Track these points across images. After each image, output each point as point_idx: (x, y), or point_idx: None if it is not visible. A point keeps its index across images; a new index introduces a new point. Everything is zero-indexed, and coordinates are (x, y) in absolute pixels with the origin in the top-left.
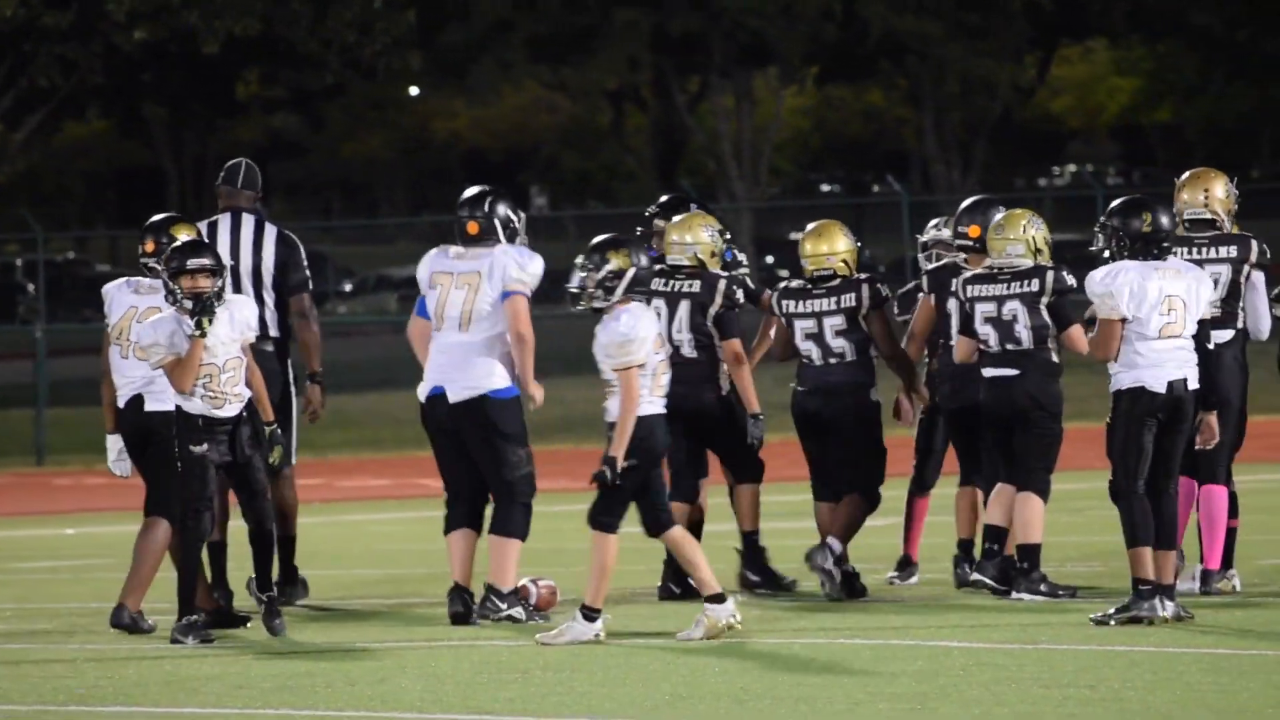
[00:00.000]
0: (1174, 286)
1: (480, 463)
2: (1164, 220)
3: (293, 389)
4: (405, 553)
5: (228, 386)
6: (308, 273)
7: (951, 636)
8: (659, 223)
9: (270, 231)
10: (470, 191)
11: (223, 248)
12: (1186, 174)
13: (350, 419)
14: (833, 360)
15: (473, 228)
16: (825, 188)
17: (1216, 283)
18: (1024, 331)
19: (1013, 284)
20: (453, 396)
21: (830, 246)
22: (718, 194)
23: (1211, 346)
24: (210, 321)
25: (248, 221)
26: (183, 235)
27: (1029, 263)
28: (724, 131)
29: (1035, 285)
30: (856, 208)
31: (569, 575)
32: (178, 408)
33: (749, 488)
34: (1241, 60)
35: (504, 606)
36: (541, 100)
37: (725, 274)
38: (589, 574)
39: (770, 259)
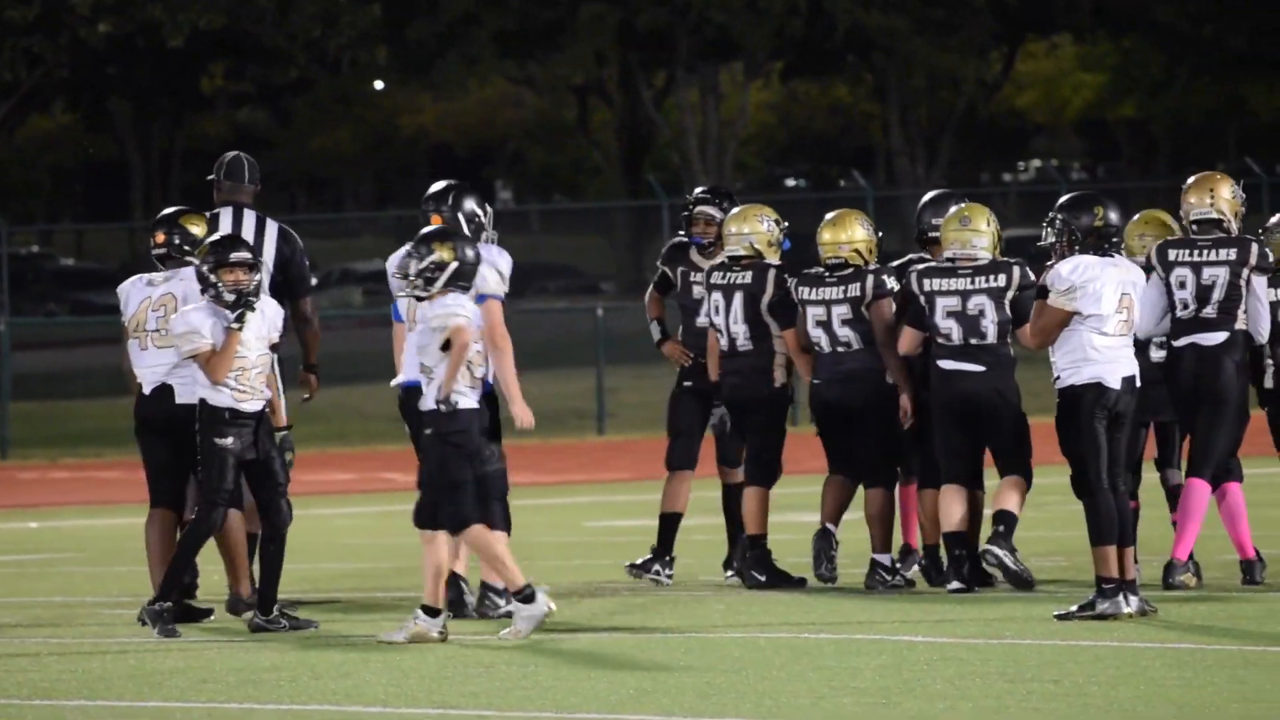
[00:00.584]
0: (1126, 283)
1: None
2: (1113, 216)
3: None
4: (370, 547)
5: (255, 382)
6: (309, 273)
7: (916, 631)
8: (705, 209)
9: (271, 228)
10: (436, 186)
11: None
12: (1193, 177)
13: (315, 413)
14: (840, 349)
15: (435, 222)
16: (791, 182)
17: (1214, 285)
18: (990, 326)
19: (977, 278)
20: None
21: (844, 235)
22: (683, 188)
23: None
24: (248, 315)
25: (249, 217)
26: (194, 228)
27: (988, 256)
28: (690, 126)
29: (1002, 280)
30: (822, 202)
31: (536, 569)
32: (202, 400)
33: (759, 491)
34: (1206, 56)
35: (502, 603)
36: (508, 95)
37: (777, 264)
38: (423, 574)
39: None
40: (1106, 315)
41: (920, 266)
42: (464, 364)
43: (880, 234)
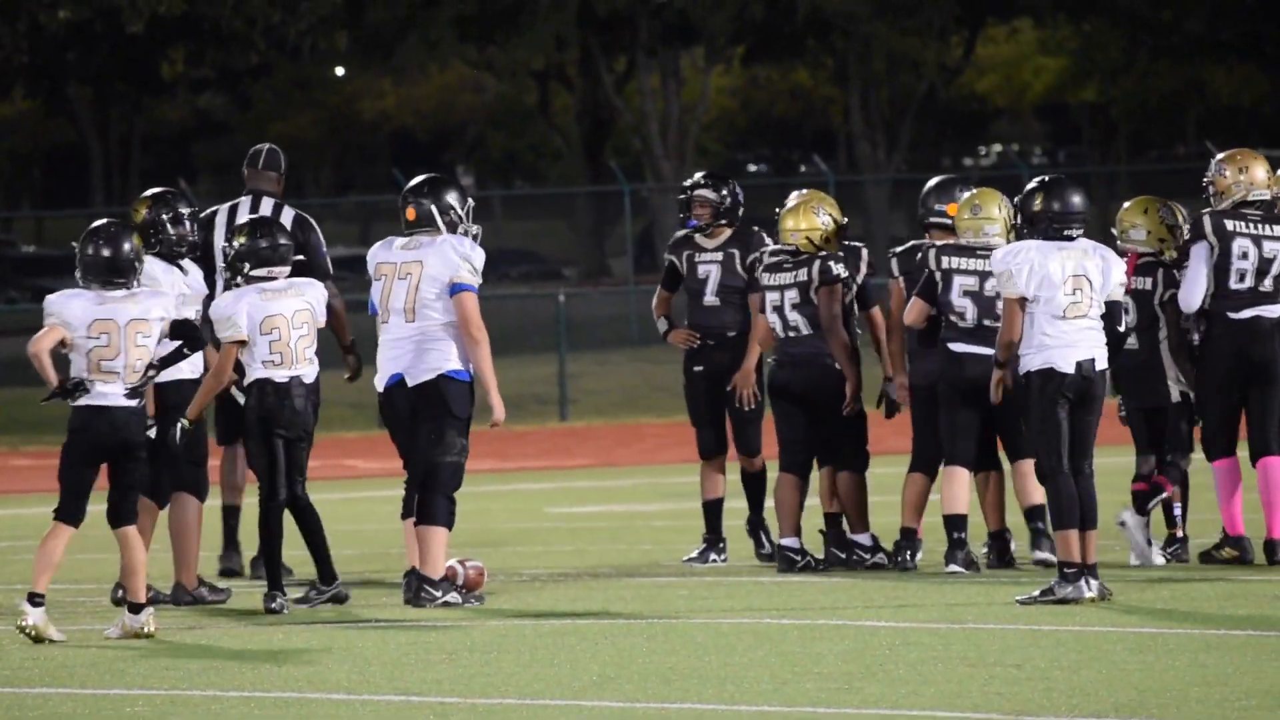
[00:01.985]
0: (1080, 266)
1: (420, 441)
2: (1069, 200)
3: None
4: (333, 534)
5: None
6: (327, 258)
7: (878, 616)
8: (702, 193)
9: (288, 215)
10: (416, 179)
11: None
12: (1244, 155)
13: None
14: (790, 334)
15: (410, 213)
16: (752, 167)
17: (1275, 259)
18: None
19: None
20: (411, 380)
21: (793, 223)
22: (645, 174)
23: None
24: None
25: (266, 204)
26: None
27: (1002, 241)
28: (651, 111)
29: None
30: (782, 187)
31: (498, 555)
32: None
33: (851, 477)
34: (1166, 39)
35: (438, 594)
36: (468, 80)
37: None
38: (123, 570)
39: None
40: (1050, 298)
41: (940, 243)
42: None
43: (845, 220)
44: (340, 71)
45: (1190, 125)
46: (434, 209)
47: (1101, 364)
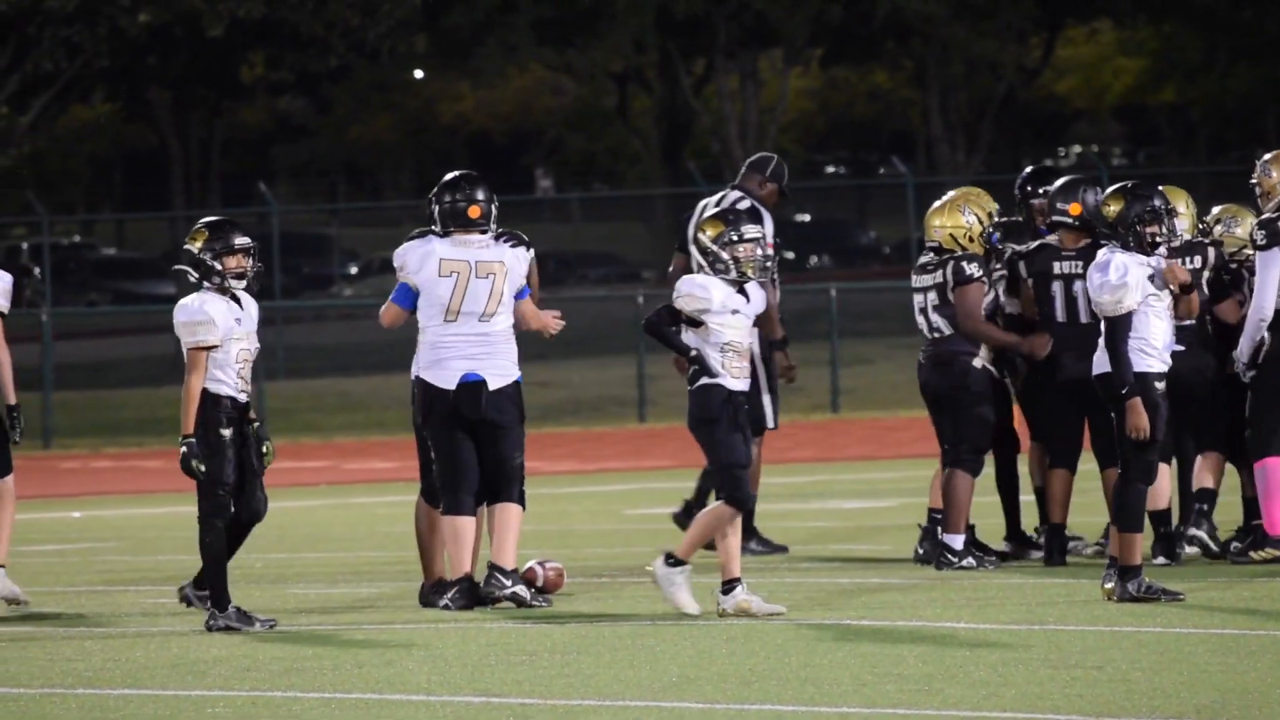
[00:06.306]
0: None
1: (499, 446)
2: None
3: None
4: (411, 535)
5: (247, 374)
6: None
7: (958, 617)
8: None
9: None
10: (460, 174)
11: None
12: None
13: (356, 401)
14: (935, 334)
15: (476, 211)
16: (830, 169)
17: None
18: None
19: (1174, 259)
20: (494, 383)
21: (942, 220)
22: (723, 175)
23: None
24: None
25: None
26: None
27: (1187, 238)
28: (729, 113)
29: (1198, 261)
30: (861, 189)
31: (577, 556)
32: (206, 390)
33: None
34: (1245, 40)
35: (508, 584)
36: (547, 82)
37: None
38: None
39: (778, 240)
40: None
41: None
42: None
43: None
44: (419, 74)
45: (1270, 126)
46: (494, 209)
47: (1092, 369)
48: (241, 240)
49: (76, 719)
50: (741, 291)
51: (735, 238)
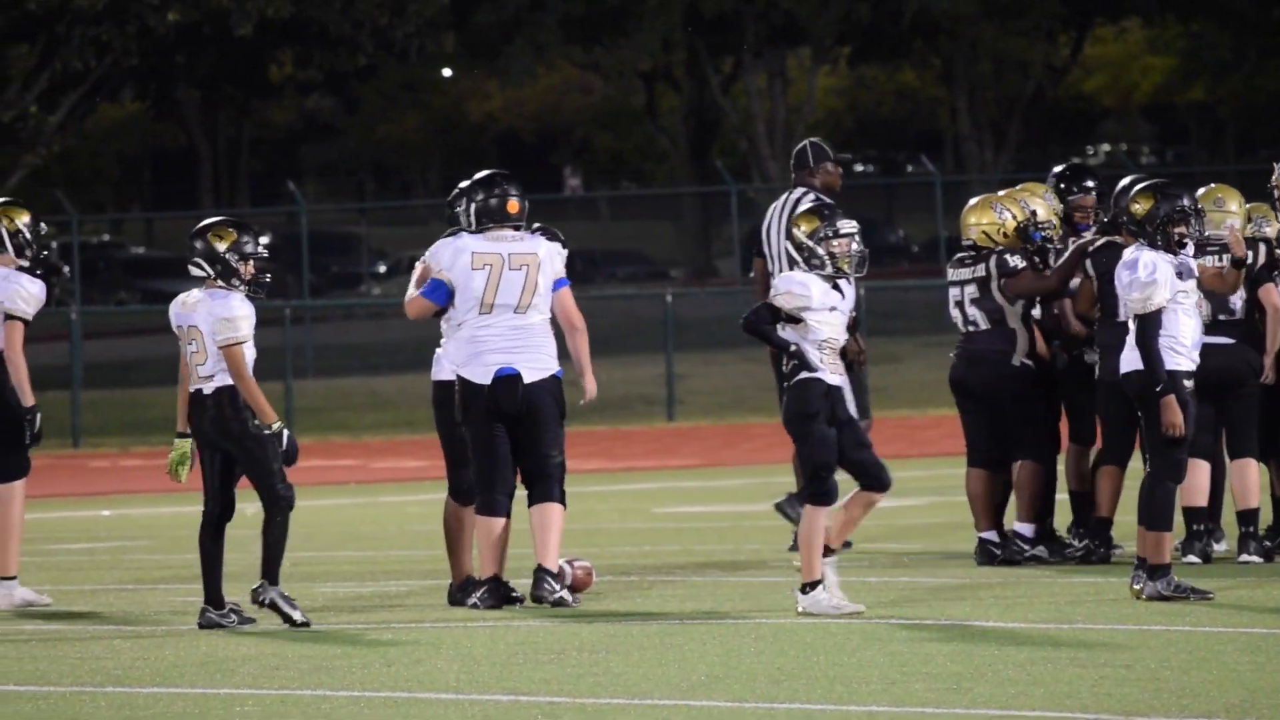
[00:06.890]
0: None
1: (538, 442)
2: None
3: None
4: (440, 534)
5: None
6: None
7: (987, 616)
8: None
9: None
10: (493, 172)
11: None
12: None
13: (384, 400)
14: (970, 329)
15: (513, 206)
16: (859, 167)
17: None
18: (1238, 301)
19: (1224, 255)
20: (530, 376)
21: (978, 219)
22: (751, 174)
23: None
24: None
25: None
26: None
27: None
28: (757, 111)
29: (1249, 257)
30: (889, 188)
31: (605, 555)
32: (231, 388)
33: (1033, 466)
34: (1274, 39)
35: (558, 588)
36: (575, 81)
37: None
38: None
39: None
40: None
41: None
42: None
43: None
44: (447, 73)
45: None
46: (525, 204)
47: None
48: (262, 251)
49: (106, 717)
50: (836, 288)
51: (831, 233)
